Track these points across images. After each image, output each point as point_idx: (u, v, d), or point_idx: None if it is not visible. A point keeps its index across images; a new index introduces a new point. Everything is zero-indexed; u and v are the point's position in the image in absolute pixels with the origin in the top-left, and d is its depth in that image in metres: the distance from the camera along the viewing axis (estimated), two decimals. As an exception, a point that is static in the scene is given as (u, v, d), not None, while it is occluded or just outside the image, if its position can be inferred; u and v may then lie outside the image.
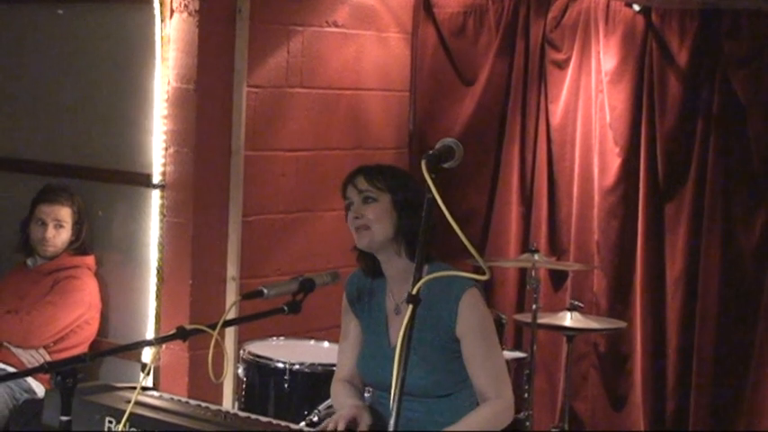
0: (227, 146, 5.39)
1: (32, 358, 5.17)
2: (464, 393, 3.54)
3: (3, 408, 5.03)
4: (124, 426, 3.19)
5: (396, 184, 3.56)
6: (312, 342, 4.88)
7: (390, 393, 2.59)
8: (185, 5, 5.25)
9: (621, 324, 5.43)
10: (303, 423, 4.02)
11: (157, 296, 5.38)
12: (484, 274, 2.72)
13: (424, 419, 3.51)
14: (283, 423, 3.47)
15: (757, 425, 5.32)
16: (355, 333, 3.72)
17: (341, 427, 3.47)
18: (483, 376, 3.49)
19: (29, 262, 5.48)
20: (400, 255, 3.54)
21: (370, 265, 3.64)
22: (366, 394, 3.74)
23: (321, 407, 4.07)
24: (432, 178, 2.71)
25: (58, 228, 5.39)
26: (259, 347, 4.67)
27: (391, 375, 2.58)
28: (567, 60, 5.82)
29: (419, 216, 2.79)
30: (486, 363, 3.50)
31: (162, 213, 5.37)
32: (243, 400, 4.57)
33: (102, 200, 5.60)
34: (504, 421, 3.51)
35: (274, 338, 4.86)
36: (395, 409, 2.56)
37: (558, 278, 5.89)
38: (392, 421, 2.58)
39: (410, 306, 2.62)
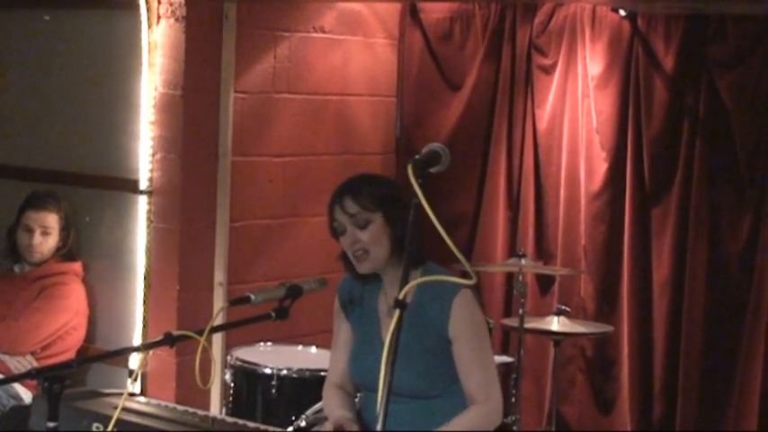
0: (214, 151, 5.39)
1: (19, 364, 5.16)
2: (454, 395, 3.54)
3: (-10, 414, 5.03)
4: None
5: (384, 198, 3.48)
6: (300, 348, 4.89)
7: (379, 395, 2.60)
8: (172, 11, 5.25)
9: (608, 328, 5.43)
10: (291, 428, 4.02)
11: (145, 302, 5.38)
12: (470, 278, 2.73)
13: (413, 420, 3.51)
14: (271, 428, 3.47)
15: (743, 428, 5.33)
16: (347, 337, 3.71)
17: None
18: (473, 378, 3.49)
19: (16, 268, 5.47)
20: (398, 265, 3.51)
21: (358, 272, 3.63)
22: (356, 399, 3.74)
23: (309, 412, 4.07)
24: (418, 183, 2.72)
25: (45, 234, 5.38)
26: (246, 353, 4.67)
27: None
28: (554, 65, 5.83)
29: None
30: (477, 365, 3.49)
31: (149, 219, 5.36)
32: (230, 405, 4.57)
33: (89, 206, 5.59)
34: (492, 424, 3.50)
35: (262, 344, 4.86)
36: (382, 409, 2.57)
37: (545, 283, 5.90)
38: (380, 422, 2.58)
39: (397, 311, 2.63)
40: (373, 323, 3.62)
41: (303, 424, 4.03)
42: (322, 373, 3.87)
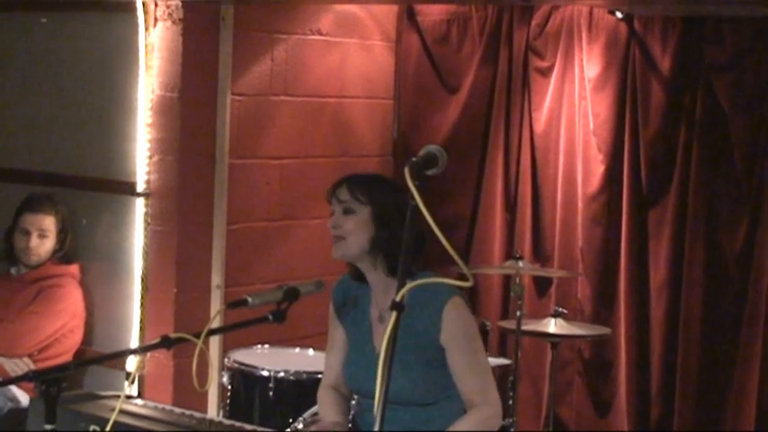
0: (211, 154, 5.39)
1: (17, 367, 5.16)
2: (449, 401, 3.54)
3: (-13, 417, 5.03)
4: (109, 434, 3.18)
5: (379, 198, 3.52)
6: (297, 350, 4.89)
7: (374, 400, 2.59)
8: (169, 14, 5.25)
9: (606, 330, 5.44)
10: (288, 431, 4.02)
11: (142, 305, 5.38)
12: (467, 281, 2.72)
13: (409, 428, 3.51)
14: (268, 431, 3.47)
15: (741, 429, 5.33)
16: (341, 340, 3.72)
17: None
18: (470, 383, 3.49)
19: (13, 271, 5.46)
20: (376, 268, 3.53)
21: (356, 269, 3.64)
22: (352, 401, 3.74)
23: (306, 414, 4.07)
24: (415, 185, 2.71)
25: (42, 237, 5.37)
26: (244, 355, 4.67)
27: (375, 382, 2.58)
28: (551, 68, 5.83)
29: (399, 231, 2.79)
30: (472, 370, 3.50)
31: (146, 222, 5.36)
32: (228, 408, 4.57)
33: (86, 208, 5.59)
34: (493, 427, 3.51)
35: (259, 346, 4.86)
36: (379, 416, 2.56)
37: (542, 285, 5.90)
38: (377, 424, 2.57)
39: (394, 313, 2.62)
40: (365, 330, 3.63)
41: (300, 426, 4.03)
42: (319, 376, 3.87)
